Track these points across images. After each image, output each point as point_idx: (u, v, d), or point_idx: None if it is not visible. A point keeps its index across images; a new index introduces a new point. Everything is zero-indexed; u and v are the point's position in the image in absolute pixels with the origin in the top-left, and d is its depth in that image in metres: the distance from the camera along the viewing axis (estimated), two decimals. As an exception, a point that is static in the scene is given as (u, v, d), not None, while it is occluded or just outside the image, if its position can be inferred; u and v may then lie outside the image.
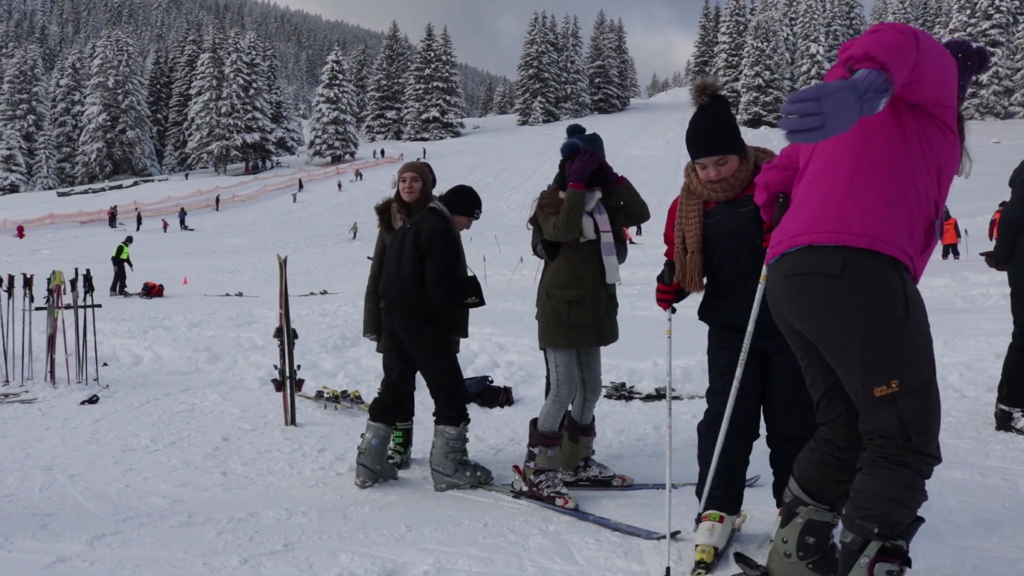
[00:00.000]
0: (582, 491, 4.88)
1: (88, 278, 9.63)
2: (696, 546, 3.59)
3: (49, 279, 9.69)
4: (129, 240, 27.66)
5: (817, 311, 2.68)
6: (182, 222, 60.37)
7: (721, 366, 3.74)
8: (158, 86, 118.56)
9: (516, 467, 5.00)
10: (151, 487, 5.16)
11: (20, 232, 55.06)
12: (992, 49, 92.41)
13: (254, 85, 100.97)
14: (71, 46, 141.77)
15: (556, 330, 4.73)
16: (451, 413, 5.04)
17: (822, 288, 2.65)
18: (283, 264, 7.22)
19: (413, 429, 5.75)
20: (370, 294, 5.69)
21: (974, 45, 2.91)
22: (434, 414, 5.13)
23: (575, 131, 5.58)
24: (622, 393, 7.74)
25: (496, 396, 7.62)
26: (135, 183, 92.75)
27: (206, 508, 4.64)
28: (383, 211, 5.60)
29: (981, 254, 6.14)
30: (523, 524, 4.23)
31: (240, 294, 23.07)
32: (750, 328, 3.38)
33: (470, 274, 5.29)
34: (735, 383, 3.47)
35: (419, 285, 5.01)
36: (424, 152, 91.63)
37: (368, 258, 16.81)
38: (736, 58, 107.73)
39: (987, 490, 4.54)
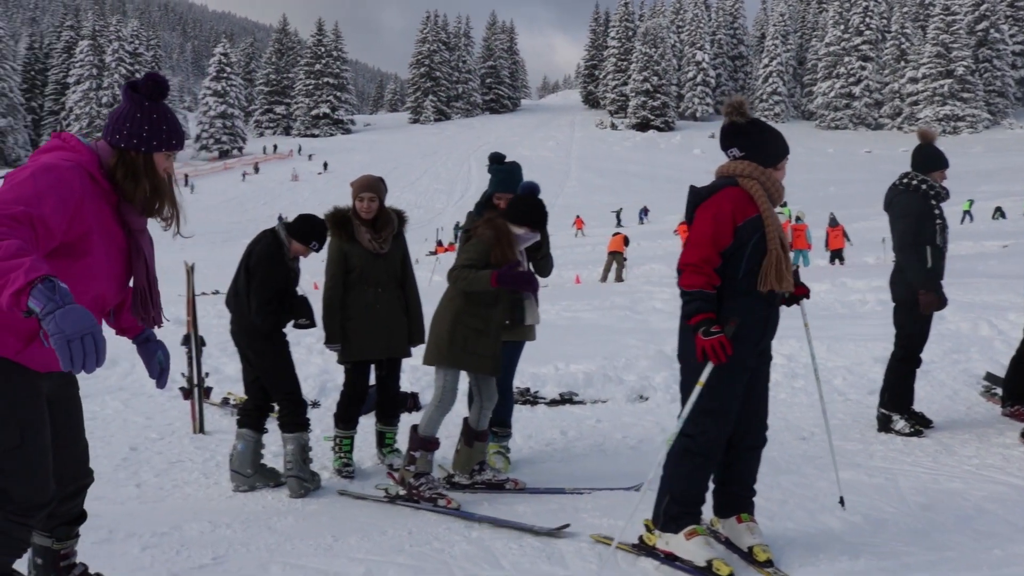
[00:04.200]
0: (479, 494, 5.08)
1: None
2: (711, 561, 3.65)
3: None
4: None
5: None
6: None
7: (736, 384, 3.78)
8: (32, 72, 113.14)
9: (390, 472, 5.21)
10: (63, 500, 5.09)
11: None
12: (864, 63, 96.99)
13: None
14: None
15: (451, 351, 4.93)
16: (298, 420, 5.27)
17: None
18: (190, 271, 7.17)
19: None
20: (330, 306, 5.70)
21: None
22: (279, 421, 5.32)
23: (497, 159, 5.83)
24: (527, 398, 7.94)
25: (403, 402, 7.71)
26: (4, 176, 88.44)
27: (125, 523, 4.62)
28: (340, 223, 5.65)
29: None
30: (446, 531, 4.37)
31: (127, 294, 22.38)
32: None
33: (300, 295, 5.46)
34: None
35: (238, 298, 5.29)
36: (299, 149, 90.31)
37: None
38: (625, 63, 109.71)
39: (873, 489, 4.90)
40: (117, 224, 3.01)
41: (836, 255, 25.94)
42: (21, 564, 3.16)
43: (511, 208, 5.13)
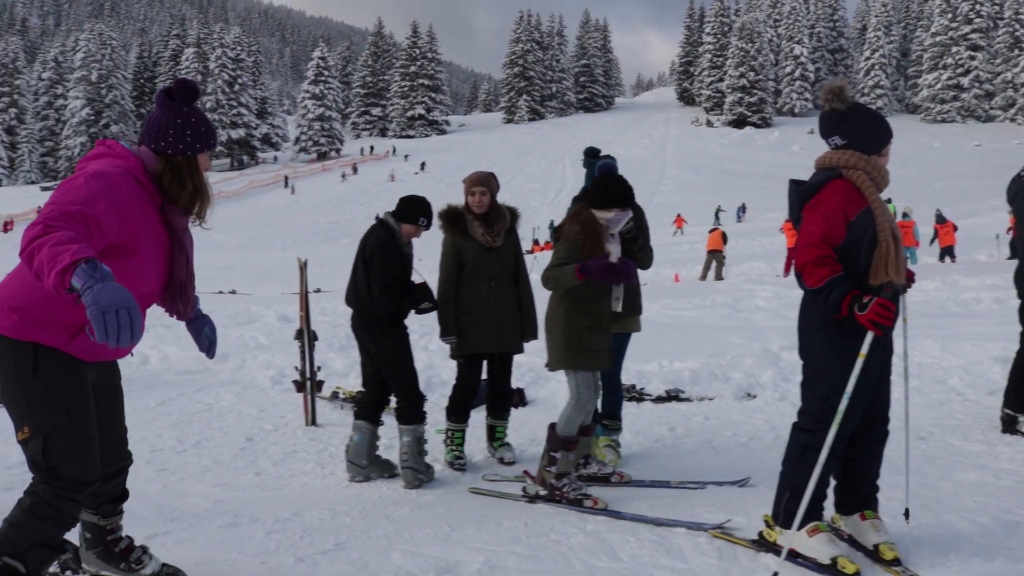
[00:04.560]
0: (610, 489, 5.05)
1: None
2: (836, 559, 3.57)
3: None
4: None
5: None
6: (168, 218, 60.00)
7: (864, 379, 3.62)
8: (141, 80, 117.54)
9: (527, 472, 5.18)
10: (188, 487, 5.29)
11: (7, 227, 54.64)
12: (973, 53, 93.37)
13: (239, 81, 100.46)
14: (53, 39, 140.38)
15: (569, 353, 4.88)
16: (415, 412, 5.35)
17: None
18: (303, 267, 7.34)
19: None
20: (444, 300, 5.75)
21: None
22: (396, 413, 5.41)
23: (592, 153, 5.79)
24: (633, 395, 7.90)
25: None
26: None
27: (248, 508, 4.77)
28: (453, 218, 5.74)
29: None
30: (562, 524, 4.38)
31: (233, 292, 23.10)
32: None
33: (419, 280, 5.53)
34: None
35: (370, 295, 5.35)
36: (393, 151, 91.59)
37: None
38: (721, 59, 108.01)
39: (1002, 491, 4.72)
40: (161, 224, 3.19)
41: (947, 252, 24.88)
42: (72, 537, 3.34)
43: (593, 194, 5.02)
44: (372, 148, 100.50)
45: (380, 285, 5.27)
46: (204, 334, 3.50)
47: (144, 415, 7.52)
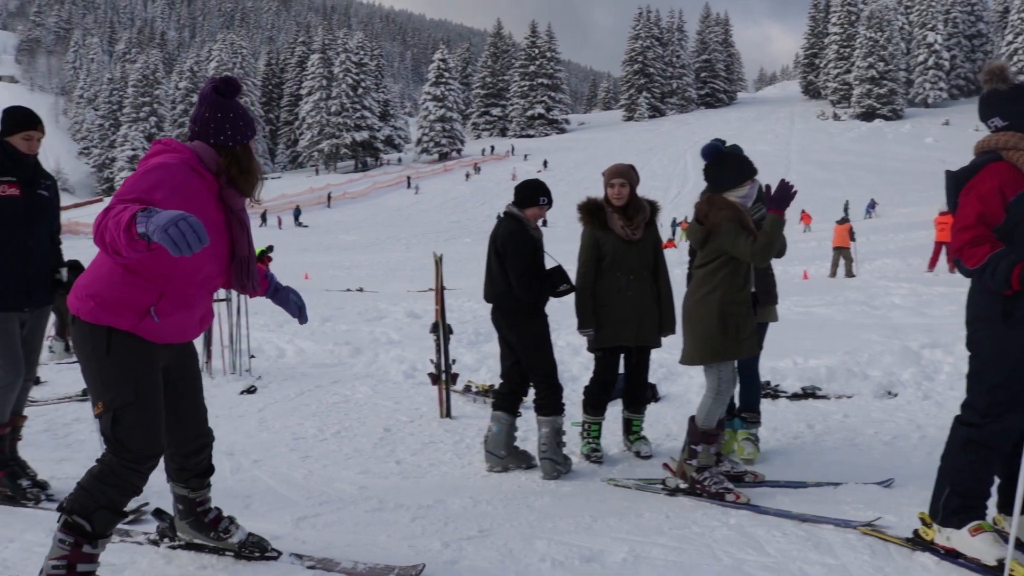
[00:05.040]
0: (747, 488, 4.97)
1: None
2: (1002, 561, 3.40)
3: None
4: (270, 249, 27.77)
5: None
6: (296, 219, 62.10)
7: None
8: (270, 87, 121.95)
9: (667, 465, 5.14)
10: (333, 474, 5.46)
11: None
12: None
13: (362, 84, 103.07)
14: (188, 50, 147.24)
15: (725, 344, 4.77)
16: (554, 404, 5.39)
17: None
18: (439, 261, 7.48)
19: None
20: (582, 292, 5.77)
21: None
22: (535, 404, 5.48)
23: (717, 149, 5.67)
24: (767, 391, 7.74)
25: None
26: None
27: (392, 495, 4.89)
28: (592, 211, 5.77)
29: None
30: (704, 517, 4.34)
31: (361, 289, 23.68)
32: None
33: (553, 264, 5.54)
34: None
35: (508, 285, 5.41)
36: (512, 150, 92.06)
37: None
38: (848, 49, 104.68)
39: None
40: (216, 209, 3.44)
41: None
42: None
43: (715, 179, 4.88)
44: (492, 148, 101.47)
45: (517, 272, 5.33)
46: (292, 301, 3.80)
47: (284, 405, 7.81)
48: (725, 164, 4.89)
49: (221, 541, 3.85)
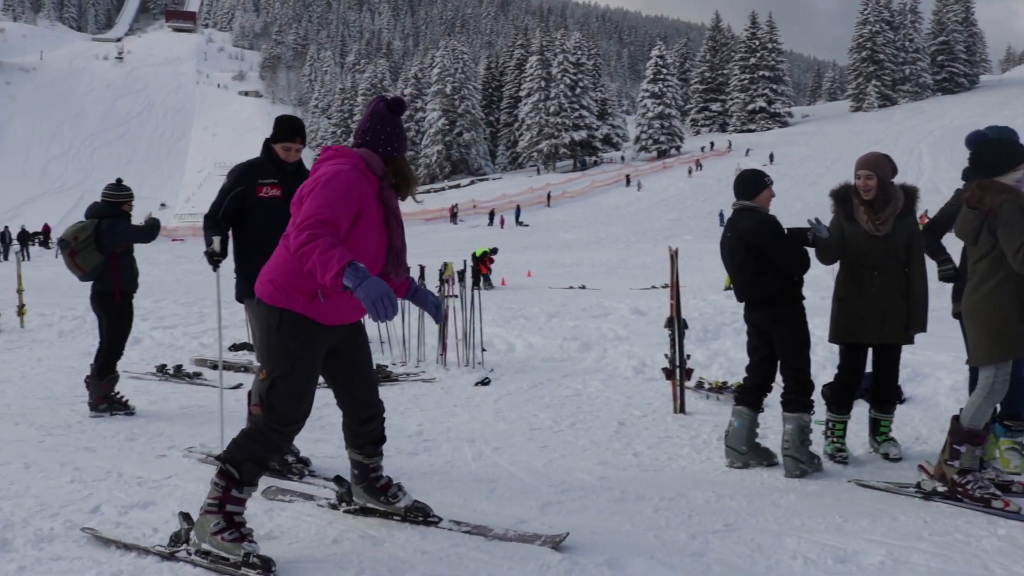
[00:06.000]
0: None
1: (476, 270, 10.47)
2: None
3: (441, 270, 10.67)
4: (494, 251, 28.65)
5: None
6: (517, 218, 63.49)
7: None
8: (490, 90, 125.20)
9: (922, 466, 4.85)
10: (572, 463, 5.57)
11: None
12: None
13: (580, 84, 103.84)
14: (412, 59, 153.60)
15: (1016, 338, 4.47)
16: (802, 400, 5.24)
17: None
18: (674, 256, 7.45)
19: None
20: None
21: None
22: (783, 399, 5.33)
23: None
24: None
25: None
26: (472, 182, 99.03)
27: (633, 486, 4.94)
28: (842, 198, 5.60)
29: None
30: (967, 524, 4.10)
31: (583, 287, 23.89)
32: None
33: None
34: None
35: (757, 280, 5.31)
36: (729, 145, 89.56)
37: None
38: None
39: None
40: (377, 204, 3.89)
41: None
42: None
43: (986, 164, 4.58)
44: (712, 144, 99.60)
45: (781, 256, 5.27)
46: (430, 300, 4.21)
47: (518, 397, 8.02)
48: (996, 147, 4.61)
49: (390, 505, 4.30)
